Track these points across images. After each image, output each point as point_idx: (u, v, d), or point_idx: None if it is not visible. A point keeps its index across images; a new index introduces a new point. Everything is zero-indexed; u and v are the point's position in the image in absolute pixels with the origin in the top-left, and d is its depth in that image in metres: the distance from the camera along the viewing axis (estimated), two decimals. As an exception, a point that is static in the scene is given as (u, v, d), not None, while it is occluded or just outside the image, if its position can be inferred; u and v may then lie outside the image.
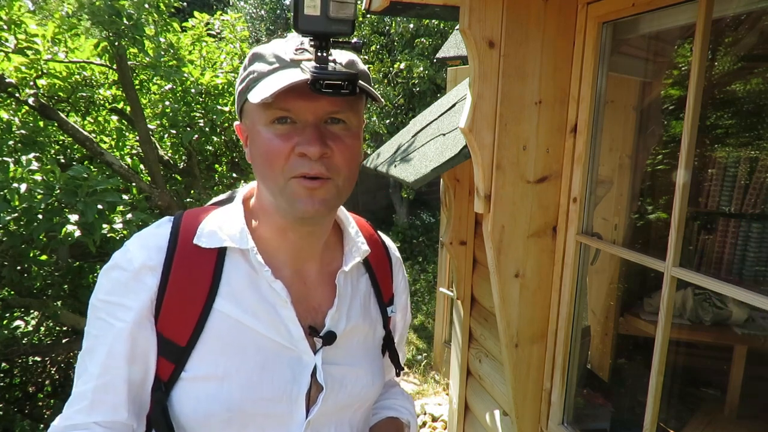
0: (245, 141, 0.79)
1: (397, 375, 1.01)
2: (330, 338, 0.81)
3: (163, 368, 0.75)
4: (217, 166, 5.41)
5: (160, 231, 0.77)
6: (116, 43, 3.65)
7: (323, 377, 0.80)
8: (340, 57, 0.73)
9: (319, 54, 0.67)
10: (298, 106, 0.70)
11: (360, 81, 0.69)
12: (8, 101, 4.03)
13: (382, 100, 0.76)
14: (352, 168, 0.75)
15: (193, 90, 4.46)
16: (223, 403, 0.73)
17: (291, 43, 0.73)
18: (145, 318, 0.73)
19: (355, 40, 0.70)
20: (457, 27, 2.43)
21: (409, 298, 1.06)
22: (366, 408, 0.90)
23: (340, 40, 0.69)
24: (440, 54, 4.71)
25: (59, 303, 3.74)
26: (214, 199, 0.91)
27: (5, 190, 2.67)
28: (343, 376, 0.83)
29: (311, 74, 0.64)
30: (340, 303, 0.84)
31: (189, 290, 0.74)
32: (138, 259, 0.73)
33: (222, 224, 0.78)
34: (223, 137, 4.93)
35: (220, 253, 0.77)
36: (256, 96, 0.68)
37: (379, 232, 1.00)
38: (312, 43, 0.68)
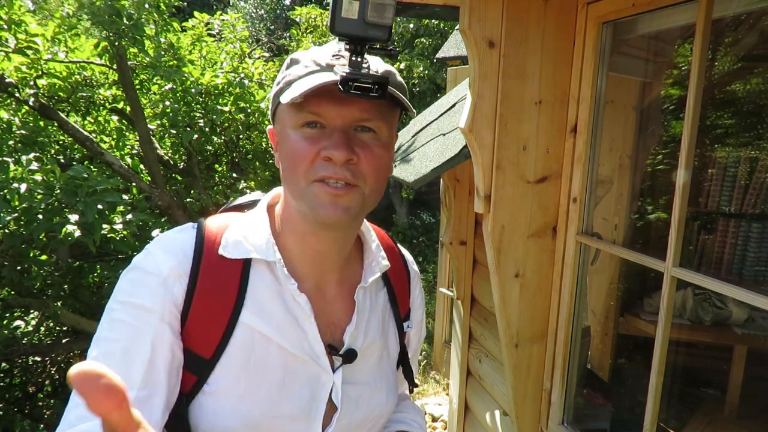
0: (276, 146, 0.78)
1: (410, 391, 0.99)
2: (350, 357, 0.79)
3: (185, 380, 0.72)
4: (217, 166, 5.41)
5: (184, 237, 0.75)
6: (116, 43, 3.66)
7: (339, 397, 0.78)
8: (377, 65, 0.73)
9: (353, 59, 0.67)
10: (327, 110, 0.69)
11: (391, 88, 0.68)
12: (8, 101, 4.03)
13: (414, 111, 0.75)
14: (379, 179, 0.73)
15: (193, 90, 4.46)
16: (241, 419, 0.72)
17: (329, 49, 0.73)
18: (175, 328, 0.70)
19: (390, 47, 0.69)
20: (457, 27, 2.43)
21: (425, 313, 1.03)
22: (380, 425, 0.89)
23: (376, 46, 0.68)
24: (440, 54, 4.71)
25: (59, 303, 3.74)
26: (235, 202, 0.88)
27: (5, 190, 2.67)
28: (359, 396, 0.81)
29: (341, 75, 0.64)
30: (358, 319, 0.82)
31: (215, 301, 0.72)
32: (166, 264, 0.71)
33: (247, 234, 0.76)
34: (223, 137, 4.93)
35: (245, 263, 0.75)
36: (287, 97, 0.68)
37: (398, 244, 0.97)
38: (347, 47, 0.68)
